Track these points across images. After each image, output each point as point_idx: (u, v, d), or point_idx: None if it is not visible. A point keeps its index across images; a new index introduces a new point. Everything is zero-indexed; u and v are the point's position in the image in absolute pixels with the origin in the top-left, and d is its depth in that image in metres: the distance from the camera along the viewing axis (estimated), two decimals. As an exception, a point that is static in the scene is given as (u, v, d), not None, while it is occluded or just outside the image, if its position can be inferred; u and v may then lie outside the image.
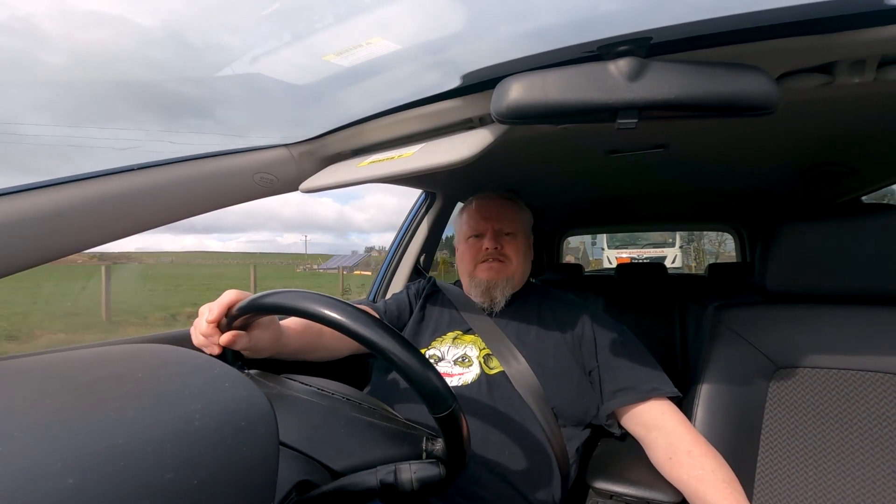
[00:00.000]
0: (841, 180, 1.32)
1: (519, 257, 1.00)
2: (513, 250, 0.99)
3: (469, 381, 0.86)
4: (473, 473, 0.76)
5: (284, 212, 79.18)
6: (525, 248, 1.02)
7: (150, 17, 0.58)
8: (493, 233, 0.99)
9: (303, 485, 0.50)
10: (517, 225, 1.02)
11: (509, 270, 0.98)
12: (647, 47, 0.48)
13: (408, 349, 0.49)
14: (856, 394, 0.77)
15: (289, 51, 0.64)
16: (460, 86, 0.65)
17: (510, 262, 0.98)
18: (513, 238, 1.00)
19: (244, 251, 42.23)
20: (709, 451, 0.75)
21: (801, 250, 0.84)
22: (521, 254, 1.00)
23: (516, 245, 1.00)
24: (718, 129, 0.94)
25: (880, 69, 0.56)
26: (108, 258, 34.17)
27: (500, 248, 0.98)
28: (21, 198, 0.55)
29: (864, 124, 0.89)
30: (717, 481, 0.70)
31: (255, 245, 55.37)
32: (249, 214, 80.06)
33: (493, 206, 1.03)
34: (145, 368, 0.36)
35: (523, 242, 1.02)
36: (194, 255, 31.36)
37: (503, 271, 0.97)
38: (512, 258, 0.99)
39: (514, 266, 0.99)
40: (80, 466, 0.25)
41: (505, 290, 0.97)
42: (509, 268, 0.98)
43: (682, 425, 0.79)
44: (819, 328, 0.82)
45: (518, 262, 0.99)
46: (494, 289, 0.96)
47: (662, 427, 0.80)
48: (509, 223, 1.01)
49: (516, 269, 0.99)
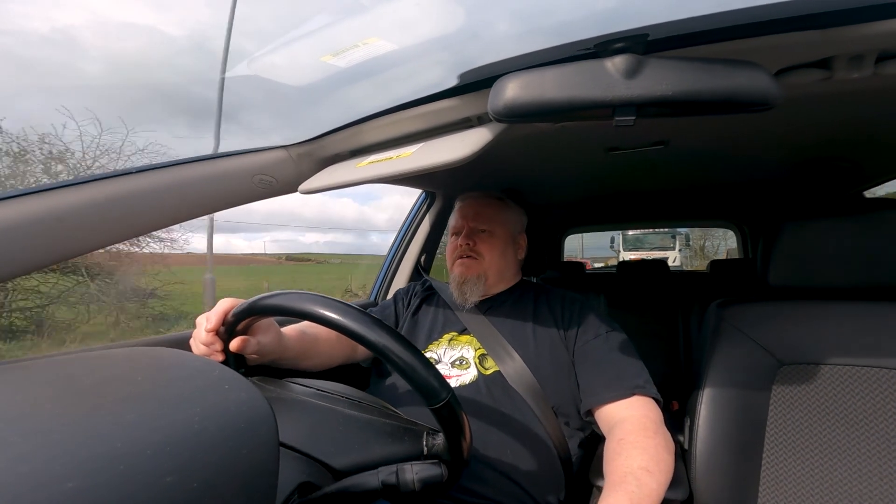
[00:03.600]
0: (843, 175, 1.31)
1: (493, 255, 1.00)
2: (487, 248, 1.00)
3: (467, 381, 0.86)
4: (476, 473, 0.76)
5: (305, 212, 79.12)
6: (503, 247, 1.02)
7: (179, 27, 0.59)
8: (468, 230, 1.01)
9: (305, 486, 0.50)
10: (495, 223, 1.03)
11: (481, 267, 0.99)
12: (644, 44, 0.47)
13: (398, 341, 0.49)
14: (861, 390, 0.77)
15: (286, 52, 0.64)
16: (458, 85, 0.65)
17: (482, 260, 0.99)
18: (489, 236, 1.01)
19: (328, 252, 44.19)
20: (646, 444, 0.69)
21: (803, 246, 0.83)
22: (496, 251, 1.01)
23: (491, 243, 1.01)
24: (718, 126, 0.94)
25: (879, 64, 0.56)
26: (295, 258, 37.21)
27: (473, 245, 1.00)
28: (20, 202, 0.55)
29: (864, 119, 0.88)
30: (626, 470, 0.65)
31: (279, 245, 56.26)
32: (272, 214, 79.94)
33: (471, 205, 1.05)
34: (145, 371, 0.36)
35: (501, 241, 1.02)
36: (356, 257, 35.00)
37: (474, 268, 0.99)
38: (485, 255, 1.00)
39: (487, 263, 0.99)
40: (79, 470, 0.25)
41: (476, 287, 0.97)
42: (481, 265, 0.99)
43: (637, 421, 0.75)
44: (823, 324, 0.81)
45: (492, 260, 1.00)
46: (465, 284, 0.98)
47: (620, 422, 0.76)
48: (486, 221, 1.02)
49: (489, 267, 1.00)
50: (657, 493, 0.63)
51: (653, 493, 0.63)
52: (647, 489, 0.63)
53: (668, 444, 0.72)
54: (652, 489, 0.63)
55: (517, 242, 1.07)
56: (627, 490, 0.62)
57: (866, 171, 1.31)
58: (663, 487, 0.65)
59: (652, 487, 0.63)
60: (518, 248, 1.07)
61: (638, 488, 0.62)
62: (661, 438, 0.72)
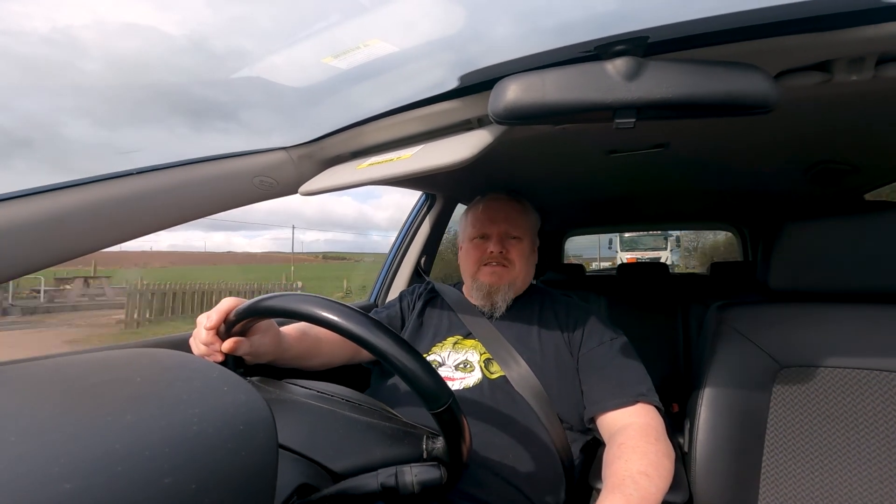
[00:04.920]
0: (842, 178, 1.31)
1: (523, 262, 0.98)
2: (517, 254, 0.97)
3: (471, 385, 0.86)
4: (476, 476, 0.76)
5: (305, 210, 79.64)
6: (529, 252, 1.01)
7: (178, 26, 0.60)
8: (499, 236, 0.98)
9: (303, 488, 0.50)
10: (524, 229, 1.00)
11: (512, 275, 0.96)
12: (644, 47, 0.47)
13: (401, 345, 0.49)
14: (861, 393, 0.77)
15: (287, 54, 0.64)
16: (458, 87, 0.65)
17: (513, 267, 0.97)
18: (518, 242, 0.99)
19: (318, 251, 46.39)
20: (646, 450, 0.69)
21: (804, 248, 0.83)
22: (524, 258, 0.99)
23: (521, 249, 0.98)
24: (718, 129, 0.94)
25: (878, 66, 0.56)
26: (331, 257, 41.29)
27: (506, 252, 0.97)
28: (22, 203, 0.55)
29: (863, 121, 0.88)
30: (624, 474, 0.65)
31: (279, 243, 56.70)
32: (272, 213, 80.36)
33: (500, 209, 1.01)
34: (144, 373, 0.36)
35: (528, 246, 1.01)
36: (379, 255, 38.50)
37: (506, 276, 0.96)
38: (516, 262, 0.97)
39: (518, 271, 0.97)
40: (77, 471, 0.25)
41: (507, 295, 0.95)
42: (512, 272, 0.97)
43: (639, 427, 0.75)
44: (823, 327, 0.81)
45: (521, 267, 0.98)
46: (496, 293, 0.95)
47: (622, 428, 0.76)
48: (516, 226, 0.99)
49: (519, 274, 0.98)
50: (655, 497, 0.63)
51: (650, 497, 0.63)
52: (644, 492, 0.62)
53: (668, 450, 0.72)
54: (650, 493, 0.63)
55: (535, 247, 1.05)
56: (625, 493, 0.62)
57: (866, 174, 1.31)
58: (662, 492, 0.65)
59: (650, 491, 0.63)
60: (535, 252, 1.05)
61: (636, 491, 0.62)
62: (662, 445, 0.72)
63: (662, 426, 0.78)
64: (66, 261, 0.59)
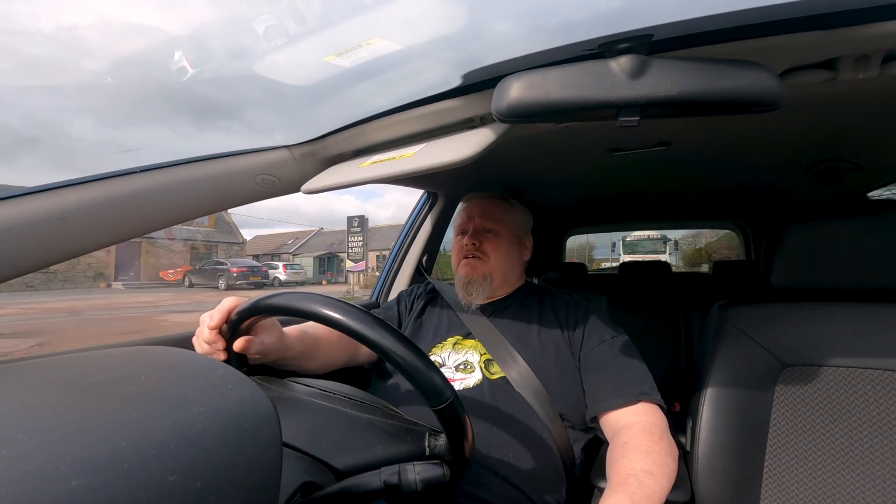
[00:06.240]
0: (846, 176, 1.30)
1: (499, 255, 1.00)
2: (492, 248, 0.99)
3: (471, 385, 0.86)
4: (478, 476, 0.76)
5: (308, 209, 79.45)
6: (508, 247, 1.02)
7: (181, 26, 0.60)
8: (475, 230, 1.01)
9: (307, 486, 0.50)
10: (502, 224, 1.02)
11: (487, 267, 0.98)
12: (648, 44, 0.47)
13: (402, 342, 0.49)
14: (864, 392, 0.77)
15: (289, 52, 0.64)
16: (461, 85, 0.65)
17: (488, 260, 0.99)
18: (494, 236, 1.01)
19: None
20: (650, 448, 0.70)
21: (807, 247, 0.83)
22: (502, 252, 1.00)
23: (497, 243, 1.00)
24: (722, 127, 0.94)
25: (885, 64, 0.55)
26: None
27: (479, 245, 0.99)
28: (24, 201, 0.55)
29: (868, 120, 0.88)
30: (628, 472, 0.65)
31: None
32: (276, 210, 79.92)
33: (478, 205, 1.05)
34: (148, 371, 0.36)
35: (508, 241, 1.02)
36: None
37: (480, 267, 0.98)
38: (490, 255, 0.99)
39: (493, 264, 0.99)
40: (83, 469, 0.25)
41: (482, 288, 0.97)
42: (487, 265, 0.99)
43: (642, 426, 0.75)
44: (826, 326, 0.81)
45: (497, 261, 0.99)
46: (471, 285, 0.97)
47: (625, 427, 0.77)
48: (492, 221, 1.02)
49: (494, 267, 0.99)
50: (659, 496, 0.63)
51: (654, 496, 0.63)
52: (648, 491, 0.63)
53: (672, 449, 0.72)
54: (654, 491, 0.63)
55: (523, 243, 1.06)
56: (629, 491, 0.62)
57: (870, 173, 1.30)
58: (665, 491, 0.65)
59: (654, 490, 0.63)
60: (524, 249, 1.07)
61: (639, 489, 0.62)
62: (666, 443, 0.72)
63: (665, 424, 0.78)
64: (70, 258, 0.60)
